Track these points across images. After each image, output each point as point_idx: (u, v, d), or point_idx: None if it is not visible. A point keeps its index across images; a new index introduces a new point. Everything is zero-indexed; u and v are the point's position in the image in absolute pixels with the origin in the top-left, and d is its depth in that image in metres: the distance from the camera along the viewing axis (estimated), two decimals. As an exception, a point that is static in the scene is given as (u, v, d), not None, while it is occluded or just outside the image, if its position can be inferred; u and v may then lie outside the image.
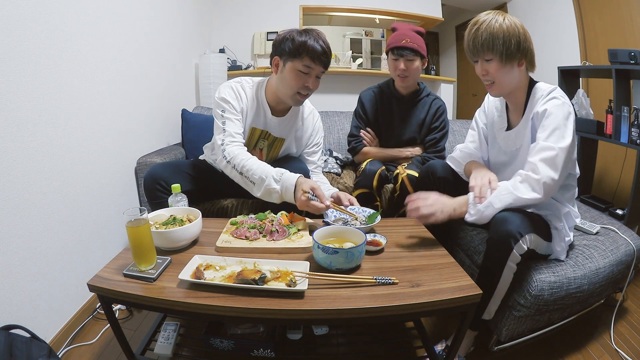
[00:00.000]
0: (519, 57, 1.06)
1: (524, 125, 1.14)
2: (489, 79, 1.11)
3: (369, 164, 1.59)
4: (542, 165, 1.00)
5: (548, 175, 1.00)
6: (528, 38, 1.06)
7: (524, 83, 1.14)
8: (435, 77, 3.38)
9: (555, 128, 1.02)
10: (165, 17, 2.07)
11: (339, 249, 0.92)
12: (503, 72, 1.08)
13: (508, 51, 1.04)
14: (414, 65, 1.62)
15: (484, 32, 1.04)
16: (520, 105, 1.17)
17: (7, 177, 1.03)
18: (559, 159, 1.00)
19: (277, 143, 1.46)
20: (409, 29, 1.63)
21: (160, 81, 2.01)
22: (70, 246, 1.30)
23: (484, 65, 1.09)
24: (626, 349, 1.23)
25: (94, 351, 1.24)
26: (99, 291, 0.88)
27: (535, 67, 1.12)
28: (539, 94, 1.10)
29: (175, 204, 1.20)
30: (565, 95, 1.07)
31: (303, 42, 1.22)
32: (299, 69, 1.25)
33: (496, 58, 1.06)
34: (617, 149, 2.22)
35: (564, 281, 1.09)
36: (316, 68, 1.26)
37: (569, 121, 1.03)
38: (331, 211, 1.27)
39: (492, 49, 1.04)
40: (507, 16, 1.06)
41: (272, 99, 1.39)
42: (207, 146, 1.56)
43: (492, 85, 1.12)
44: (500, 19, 1.04)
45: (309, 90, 1.31)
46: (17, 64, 1.05)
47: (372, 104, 1.78)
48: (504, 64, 1.06)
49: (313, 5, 3.10)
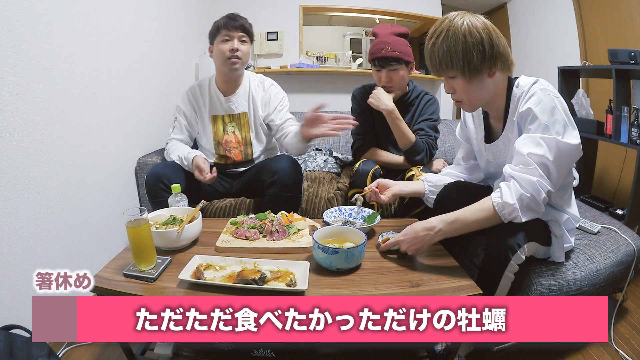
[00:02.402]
0: (487, 68, 0.94)
1: (510, 130, 1.03)
2: (457, 98, 1.01)
3: (362, 163, 1.54)
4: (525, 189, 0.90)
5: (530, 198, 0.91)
6: (496, 41, 0.92)
7: (502, 88, 1.02)
8: (434, 77, 3.38)
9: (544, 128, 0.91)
10: (166, 17, 2.07)
11: (339, 249, 0.92)
12: (471, 88, 0.96)
13: (471, 65, 0.91)
14: (398, 76, 1.50)
15: (440, 48, 0.92)
16: (501, 110, 1.06)
17: (7, 177, 1.03)
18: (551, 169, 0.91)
19: (243, 120, 1.58)
20: (389, 33, 1.51)
21: (160, 81, 2.01)
22: (70, 246, 1.30)
23: (449, 82, 0.99)
24: (626, 349, 1.23)
25: (94, 351, 1.23)
26: (99, 291, 0.88)
27: (512, 67, 0.99)
28: (519, 92, 0.98)
29: (175, 204, 1.20)
30: (548, 85, 0.95)
31: (216, 23, 1.48)
32: (221, 40, 1.46)
33: (460, 75, 0.94)
34: (617, 149, 2.22)
35: (564, 284, 1.08)
36: (234, 32, 1.45)
37: (556, 114, 0.91)
38: (331, 211, 1.27)
39: (452, 65, 0.92)
40: (468, 19, 0.91)
41: (220, 83, 1.57)
42: None
43: (462, 103, 1.02)
44: (458, 25, 0.90)
45: (236, 52, 1.45)
46: (17, 64, 1.05)
47: (363, 101, 1.64)
48: (470, 80, 0.94)
49: (313, 5, 3.10)
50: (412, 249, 0.98)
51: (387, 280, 0.91)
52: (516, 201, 0.91)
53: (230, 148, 1.57)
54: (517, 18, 3.47)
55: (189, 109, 1.57)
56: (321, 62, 3.14)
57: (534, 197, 0.91)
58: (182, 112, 1.57)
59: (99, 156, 1.46)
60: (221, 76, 1.54)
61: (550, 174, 0.92)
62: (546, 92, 0.93)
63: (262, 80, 1.61)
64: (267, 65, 2.97)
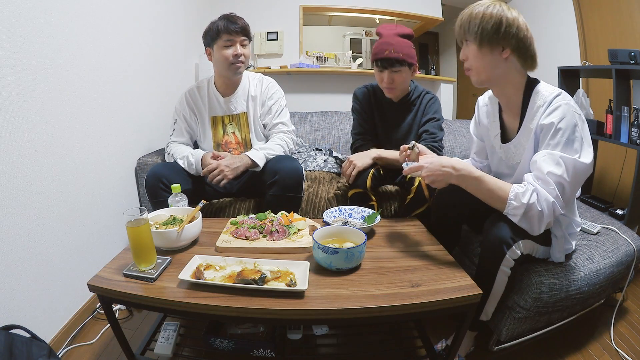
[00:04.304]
0: (499, 43, 0.98)
1: (525, 137, 1.05)
2: (467, 65, 1.06)
3: None
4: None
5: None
6: (519, 27, 0.97)
7: (518, 80, 1.04)
8: (435, 77, 3.38)
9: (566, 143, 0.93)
10: (166, 17, 2.07)
11: (339, 249, 0.92)
12: (480, 57, 1.01)
13: (484, 33, 0.97)
14: (400, 77, 1.48)
15: (465, 15, 1.02)
16: (514, 107, 1.07)
17: (7, 177, 1.03)
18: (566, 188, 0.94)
19: (242, 120, 1.58)
20: (394, 34, 1.47)
21: (160, 81, 2.01)
22: (70, 246, 1.30)
23: (464, 49, 1.05)
24: (626, 349, 1.23)
25: (94, 351, 1.23)
26: (99, 291, 0.88)
27: (533, 64, 1.02)
28: (540, 100, 1.00)
29: (175, 204, 1.20)
30: (571, 99, 0.97)
31: (216, 26, 1.43)
32: (223, 45, 1.43)
33: (473, 40, 1.01)
34: (617, 149, 2.22)
35: (564, 283, 1.08)
36: (236, 37, 1.43)
37: (577, 132, 0.93)
38: (331, 211, 1.27)
39: (469, 30, 1.00)
40: (498, 5, 0.99)
41: (220, 85, 1.56)
42: None
43: (470, 71, 1.06)
44: (488, 4, 0.99)
45: (240, 57, 1.45)
46: (17, 64, 1.05)
47: (367, 101, 1.67)
48: (480, 47, 1.00)
49: (313, 5, 3.10)
50: (430, 179, 1.03)
51: (387, 280, 0.91)
52: (526, 205, 0.92)
53: (231, 149, 1.58)
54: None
55: (188, 112, 1.57)
56: (321, 62, 3.14)
57: (542, 215, 0.93)
58: (181, 115, 1.58)
59: (99, 156, 1.46)
60: (222, 79, 1.54)
61: (565, 194, 0.94)
62: (570, 107, 0.95)
63: (261, 79, 1.61)
64: (267, 65, 2.97)
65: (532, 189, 0.94)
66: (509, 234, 0.97)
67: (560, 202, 0.93)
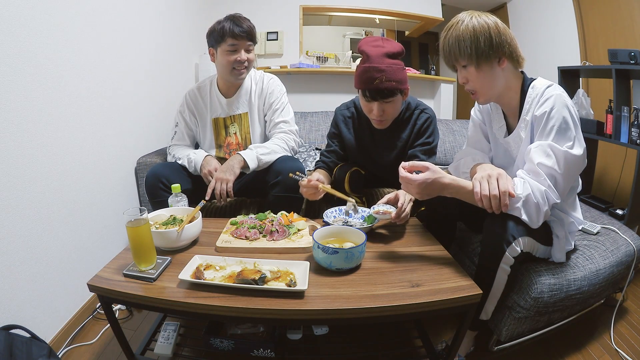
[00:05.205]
0: (495, 56, 0.97)
1: (523, 129, 1.05)
2: (470, 88, 1.04)
3: (338, 169, 1.50)
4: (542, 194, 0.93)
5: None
6: (503, 32, 0.96)
7: (515, 83, 1.05)
8: (435, 77, 3.38)
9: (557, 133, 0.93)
10: (166, 17, 2.07)
11: (339, 249, 0.92)
12: (482, 76, 1.00)
13: (479, 51, 0.95)
14: (392, 108, 1.31)
15: (450, 39, 0.99)
16: (515, 108, 1.07)
17: (7, 177, 1.03)
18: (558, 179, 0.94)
19: (243, 120, 1.57)
20: (382, 54, 1.24)
21: (160, 81, 2.01)
22: (70, 246, 1.30)
23: (462, 73, 1.03)
24: (626, 349, 1.23)
25: (94, 351, 1.23)
26: (99, 291, 0.88)
27: (522, 61, 1.02)
28: (534, 93, 1.01)
29: (175, 204, 1.20)
30: (563, 91, 0.98)
31: (222, 28, 1.39)
32: (227, 49, 1.41)
33: (469, 62, 0.98)
34: (617, 149, 2.22)
35: (564, 283, 1.08)
36: (241, 42, 1.41)
37: (568, 122, 0.93)
38: (331, 211, 1.27)
39: (460, 54, 0.97)
40: (476, 15, 0.98)
41: (222, 86, 1.56)
42: None
43: (476, 94, 1.05)
44: (467, 20, 0.97)
45: (243, 63, 1.43)
46: (17, 64, 1.05)
47: (347, 128, 1.51)
48: (480, 67, 0.98)
49: (313, 5, 3.10)
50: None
51: (387, 280, 0.91)
52: (523, 197, 0.92)
53: (231, 150, 1.57)
54: (517, 18, 3.47)
55: (188, 114, 1.57)
56: (321, 62, 3.14)
57: (539, 205, 0.93)
58: (182, 118, 1.58)
59: (99, 156, 1.46)
60: (224, 82, 1.53)
61: (558, 185, 0.94)
62: (560, 97, 0.95)
63: (262, 76, 1.59)
64: (267, 65, 2.98)
65: (523, 182, 0.95)
66: (509, 231, 0.97)
67: (553, 192, 0.94)
